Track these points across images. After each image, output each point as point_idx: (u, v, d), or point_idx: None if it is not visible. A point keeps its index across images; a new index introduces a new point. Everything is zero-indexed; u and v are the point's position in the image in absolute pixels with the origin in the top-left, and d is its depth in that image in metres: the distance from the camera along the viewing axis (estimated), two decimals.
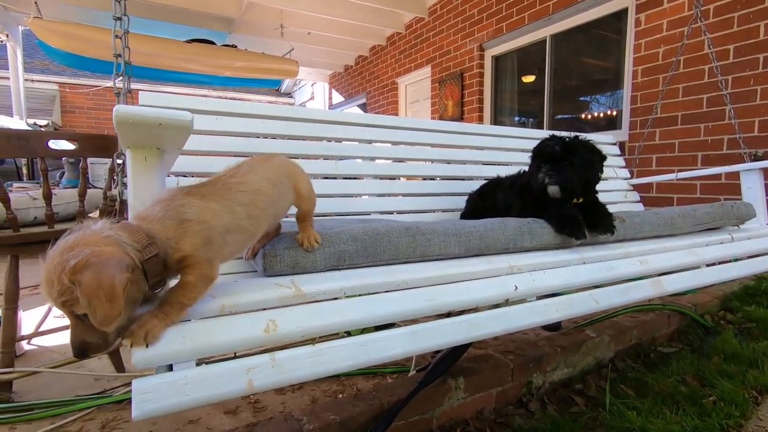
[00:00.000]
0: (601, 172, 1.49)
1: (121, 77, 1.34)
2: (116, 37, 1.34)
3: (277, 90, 11.63)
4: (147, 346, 0.71)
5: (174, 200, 0.75)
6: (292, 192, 0.99)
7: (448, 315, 1.06)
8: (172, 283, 0.78)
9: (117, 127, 0.74)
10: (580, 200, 1.46)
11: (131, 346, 0.70)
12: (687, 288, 1.52)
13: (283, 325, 0.83)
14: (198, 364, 0.77)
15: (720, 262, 1.63)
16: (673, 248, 1.55)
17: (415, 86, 6.77)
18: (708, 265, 1.59)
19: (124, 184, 1.27)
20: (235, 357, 0.82)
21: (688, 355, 1.80)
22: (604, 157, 1.51)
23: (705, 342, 1.93)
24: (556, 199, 1.44)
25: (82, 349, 0.67)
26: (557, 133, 1.58)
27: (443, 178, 2.13)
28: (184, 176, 1.46)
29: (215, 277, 0.77)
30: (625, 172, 2.76)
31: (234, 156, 1.63)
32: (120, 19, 1.34)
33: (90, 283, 0.61)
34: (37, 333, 2.04)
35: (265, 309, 0.86)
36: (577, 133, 1.55)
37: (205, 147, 1.54)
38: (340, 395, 1.60)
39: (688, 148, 3.30)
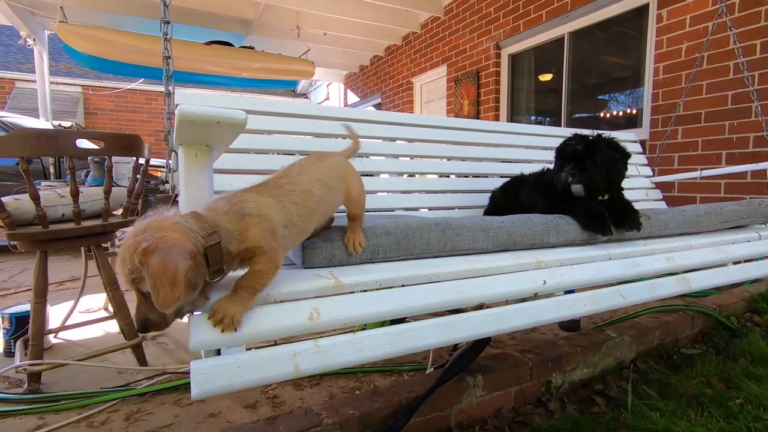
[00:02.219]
0: (626, 169, 1.47)
1: (171, 78, 1.38)
2: (165, 40, 1.38)
3: (293, 91, 11.74)
4: (235, 330, 0.78)
5: (235, 197, 0.81)
6: (342, 193, 1.03)
7: (460, 311, 1.07)
8: (237, 273, 0.82)
9: (178, 125, 0.79)
10: (606, 197, 1.45)
11: (222, 332, 0.77)
12: (713, 285, 1.49)
13: (326, 314, 0.88)
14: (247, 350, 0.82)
15: (747, 261, 1.60)
16: (699, 246, 1.53)
17: (431, 86, 6.75)
18: (734, 263, 1.56)
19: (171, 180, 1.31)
20: (276, 344, 0.86)
21: (713, 357, 1.76)
22: (627, 155, 1.49)
23: (730, 344, 1.87)
24: (581, 196, 1.44)
25: (144, 324, 0.72)
26: (580, 131, 1.57)
27: (459, 176, 2.12)
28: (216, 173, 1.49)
29: (281, 265, 0.82)
30: (647, 170, 2.71)
31: (256, 153, 1.65)
32: (169, 22, 1.38)
33: (156, 266, 0.65)
34: (63, 327, 2.11)
35: (306, 298, 0.90)
36: (600, 131, 1.54)
37: (233, 144, 1.57)
38: (357, 391, 1.61)
39: (712, 146, 3.22)
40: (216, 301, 0.79)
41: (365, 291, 0.97)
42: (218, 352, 0.80)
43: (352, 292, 0.95)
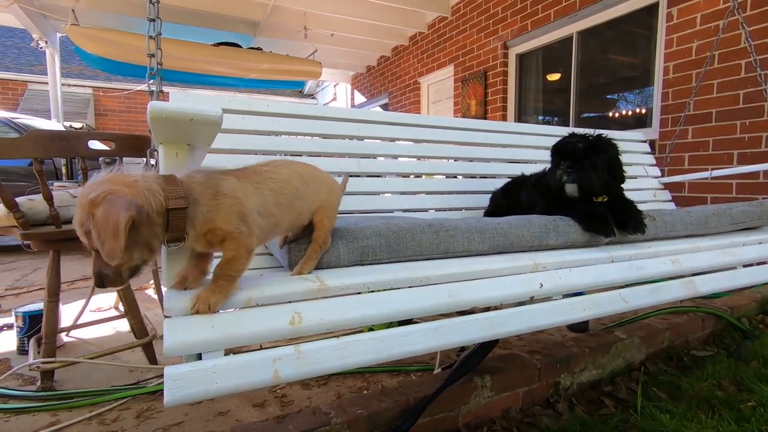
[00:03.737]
0: (624, 172, 1.46)
1: (154, 76, 1.38)
2: (150, 37, 1.39)
3: (301, 91, 11.78)
4: (212, 311, 0.79)
5: (215, 173, 0.81)
6: (316, 201, 0.98)
7: (470, 312, 1.05)
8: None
9: (151, 122, 0.76)
10: (605, 199, 1.42)
11: (198, 313, 0.78)
12: (722, 289, 1.46)
13: (309, 318, 0.85)
14: (226, 354, 0.79)
15: (759, 264, 1.57)
16: (707, 248, 1.50)
17: (438, 86, 6.74)
18: (745, 266, 1.53)
19: None
20: (261, 349, 0.84)
21: (724, 359, 1.74)
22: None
23: (742, 346, 1.85)
24: (576, 197, 1.41)
25: (99, 278, 0.72)
26: (578, 130, 1.55)
27: (465, 176, 2.11)
28: None
29: (253, 249, 0.82)
30: (656, 171, 2.68)
31: (261, 154, 1.66)
32: (154, 20, 1.38)
33: (100, 217, 0.65)
34: (75, 325, 2.13)
35: (290, 302, 0.87)
36: (600, 131, 1.51)
37: (231, 145, 1.57)
38: (365, 391, 1.61)
39: (723, 146, 3.18)
40: (199, 291, 0.80)
41: (352, 294, 0.94)
42: (200, 358, 0.78)
43: (338, 296, 0.92)
